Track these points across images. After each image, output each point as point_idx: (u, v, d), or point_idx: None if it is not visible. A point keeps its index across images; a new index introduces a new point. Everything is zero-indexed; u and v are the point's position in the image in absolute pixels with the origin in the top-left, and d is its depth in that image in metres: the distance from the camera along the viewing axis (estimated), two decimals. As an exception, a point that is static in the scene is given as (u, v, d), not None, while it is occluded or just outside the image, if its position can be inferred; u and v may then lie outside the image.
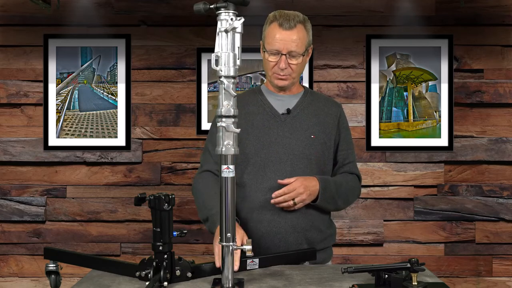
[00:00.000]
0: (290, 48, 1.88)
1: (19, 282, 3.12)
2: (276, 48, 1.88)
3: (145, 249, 3.12)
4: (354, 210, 3.12)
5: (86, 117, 3.11)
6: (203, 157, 2.05)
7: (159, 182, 3.12)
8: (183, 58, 3.12)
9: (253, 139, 1.95)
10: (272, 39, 1.89)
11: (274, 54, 1.90)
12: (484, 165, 3.12)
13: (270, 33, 1.90)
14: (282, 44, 1.88)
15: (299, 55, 1.90)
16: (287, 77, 1.94)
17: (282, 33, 1.88)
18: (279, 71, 1.92)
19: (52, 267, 1.74)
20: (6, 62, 3.12)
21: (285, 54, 1.89)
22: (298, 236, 1.91)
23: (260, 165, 1.92)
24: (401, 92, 3.12)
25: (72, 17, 3.10)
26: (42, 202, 3.12)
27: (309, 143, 1.94)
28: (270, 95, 2.01)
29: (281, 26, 1.88)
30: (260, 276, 1.69)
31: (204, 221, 1.93)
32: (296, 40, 1.88)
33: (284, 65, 1.89)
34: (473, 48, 3.12)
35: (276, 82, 1.95)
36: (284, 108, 1.98)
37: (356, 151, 3.12)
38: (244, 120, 1.96)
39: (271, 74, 1.95)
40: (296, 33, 1.88)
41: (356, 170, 2.07)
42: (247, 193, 1.93)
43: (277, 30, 1.89)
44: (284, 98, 2.00)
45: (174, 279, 1.60)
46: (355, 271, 1.55)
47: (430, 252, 3.11)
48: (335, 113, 2.02)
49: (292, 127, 1.96)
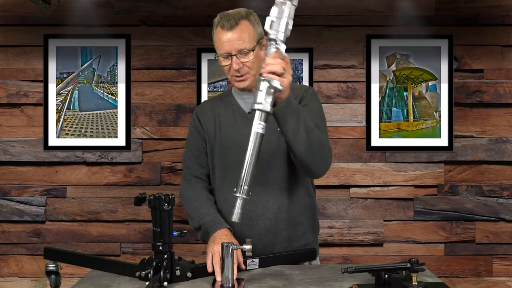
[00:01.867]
0: (238, 46, 1.83)
1: (19, 282, 3.12)
2: (225, 50, 1.84)
3: (145, 249, 3.12)
4: (354, 210, 3.12)
5: (86, 117, 3.11)
6: (186, 160, 2.03)
7: (159, 182, 3.12)
8: (183, 58, 3.13)
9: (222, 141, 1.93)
10: (219, 43, 1.85)
11: (225, 58, 1.86)
12: (484, 165, 3.12)
13: (217, 37, 1.87)
14: (228, 45, 1.83)
15: (249, 51, 1.84)
16: (245, 77, 1.87)
17: (226, 34, 1.83)
18: (235, 73, 1.86)
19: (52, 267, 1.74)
20: (6, 62, 3.12)
21: (235, 55, 1.83)
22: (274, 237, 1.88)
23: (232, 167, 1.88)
24: (401, 92, 3.12)
25: (72, 17, 3.10)
26: (42, 202, 3.12)
27: (277, 136, 1.85)
28: (238, 95, 1.98)
29: (223, 28, 1.84)
30: (260, 276, 1.69)
31: (196, 229, 1.91)
32: (242, 37, 1.83)
33: (236, 66, 1.84)
34: (473, 48, 3.12)
35: (237, 85, 1.91)
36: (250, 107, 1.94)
37: (356, 151, 3.13)
38: (213, 124, 1.97)
39: (230, 78, 1.91)
40: (239, 31, 1.83)
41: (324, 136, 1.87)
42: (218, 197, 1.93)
43: (221, 33, 1.85)
44: (250, 96, 1.91)
45: (174, 279, 1.61)
46: (355, 271, 1.55)
47: (430, 252, 3.11)
48: (299, 95, 1.92)
49: None
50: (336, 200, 3.11)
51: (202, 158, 2.00)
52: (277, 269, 1.78)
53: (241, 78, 1.88)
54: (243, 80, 1.88)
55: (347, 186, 3.12)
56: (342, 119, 3.13)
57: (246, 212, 1.80)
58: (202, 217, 1.87)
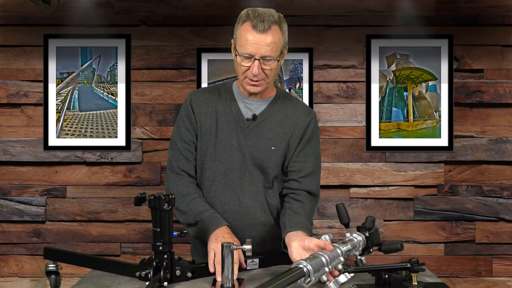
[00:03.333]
0: (264, 53, 1.73)
1: (19, 282, 3.12)
2: (249, 52, 1.74)
3: (145, 249, 3.12)
4: (354, 210, 3.12)
5: (86, 117, 3.11)
6: (174, 151, 1.93)
7: (159, 182, 3.12)
8: (183, 58, 3.12)
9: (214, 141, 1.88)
10: (245, 41, 1.74)
11: (246, 58, 1.76)
12: (484, 165, 3.12)
13: (243, 35, 1.75)
14: (255, 48, 1.73)
15: (273, 59, 1.76)
16: (260, 83, 1.80)
17: (255, 35, 1.72)
18: (251, 76, 1.77)
19: (52, 267, 1.74)
20: (6, 62, 3.12)
21: (258, 59, 1.74)
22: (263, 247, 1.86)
23: (219, 171, 1.86)
24: (401, 92, 3.12)
25: (72, 17, 3.10)
26: (42, 202, 3.12)
27: (268, 154, 1.85)
28: (240, 97, 1.90)
29: (255, 28, 1.72)
30: (260, 276, 1.69)
31: (191, 225, 1.85)
32: (271, 44, 1.73)
33: (257, 71, 1.75)
34: (473, 48, 3.12)
35: (248, 89, 1.82)
36: (250, 113, 1.88)
37: (356, 151, 3.13)
38: (209, 119, 1.89)
39: (242, 79, 1.82)
40: (270, 36, 1.73)
41: (312, 185, 1.89)
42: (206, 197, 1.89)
43: (250, 32, 1.73)
44: (253, 103, 1.89)
45: (174, 279, 1.60)
46: (355, 271, 1.55)
47: (430, 252, 3.11)
48: (303, 123, 1.89)
49: (255, 136, 1.87)
50: (336, 200, 3.11)
51: (190, 152, 1.90)
52: (277, 269, 1.77)
53: (256, 83, 1.80)
54: (257, 85, 1.81)
55: (347, 186, 3.12)
56: (342, 119, 3.13)
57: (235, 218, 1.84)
58: (198, 213, 1.82)
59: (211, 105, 1.90)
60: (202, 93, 1.96)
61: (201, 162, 1.90)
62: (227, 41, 3.19)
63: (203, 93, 1.96)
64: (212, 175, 1.89)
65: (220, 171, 1.87)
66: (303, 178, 1.87)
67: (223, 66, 3.08)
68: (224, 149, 1.87)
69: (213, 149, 1.88)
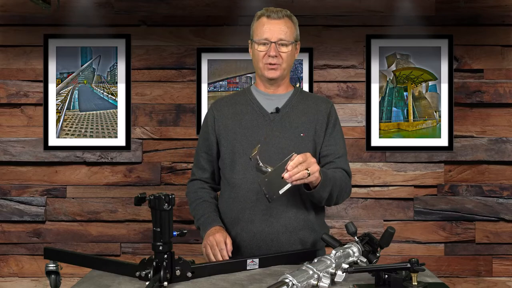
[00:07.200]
0: (280, 35, 1.90)
1: (19, 282, 3.12)
2: (266, 36, 1.90)
3: (145, 249, 3.12)
4: (354, 210, 3.12)
5: (86, 117, 3.11)
6: (195, 158, 2.11)
7: (159, 182, 3.12)
8: (183, 58, 3.12)
9: (241, 139, 1.94)
10: (261, 30, 1.92)
11: (263, 44, 1.91)
12: (484, 165, 3.12)
13: (259, 26, 1.93)
14: (270, 33, 1.90)
15: (289, 43, 1.92)
16: (277, 67, 1.92)
17: (270, 22, 1.91)
18: (269, 59, 1.91)
19: (52, 267, 1.74)
20: (6, 62, 3.12)
21: (275, 42, 1.90)
22: (291, 236, 1.90)
23: (250, 165, 1.89)
24: (401, 92, 3.12)
25: (72, 17, 3.10)
26: (42, 202, 3.12)
27: (298, 141, 1.93)
28: (260, 94, 2.01)
29: (269, 17, 1.91)
30: (260, 276, 1.69)
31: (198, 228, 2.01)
32: (285, 29, 1.91)
33: (274, 52, 1.89)
34: (473, 48, 3.12)
35: (267, 74, 1.94)
36: (273, 107, 1.97)
37: (356, 151, 3.13)
38: (231, 120, 1.97)
39: (261, 66, 1.94)
40: (284, 23, 1.92)
41: (346, 165, 1.99)
42: (238, 193, 1.93)
43: (265, 21, 1.92)
44: (273, 97, 1.99)
45: (174, 279, 1.60)
46: (355, 271, 1.55)
47: (430, 252, 3.11)
48: (325, 110, 1.99)
49: (281, 126, 1.94)
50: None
51: (208, 161, 2.05)
52: (277, 269, 1.77)
53: (274, 66, 1.92)
54: (275, 69, 1.92)
55: (347, 186, 3.12)
56: (342, 119, 3.09)
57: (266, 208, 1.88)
58: (198, 218, 1.98)
59: (233, 107, 2.01)
60: (222, 98, 2.11)
61: (231, 159, 1.96)
62: (227, 41, 3.21)
63: (223, 98, 2.10)
64: (243, 170, 1.93)
65: (251, 166, 1.88)
66: (337, 159, 1.98)
67: (223, 66, 3.08)
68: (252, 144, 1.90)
69: (240, 146, 1.94)
